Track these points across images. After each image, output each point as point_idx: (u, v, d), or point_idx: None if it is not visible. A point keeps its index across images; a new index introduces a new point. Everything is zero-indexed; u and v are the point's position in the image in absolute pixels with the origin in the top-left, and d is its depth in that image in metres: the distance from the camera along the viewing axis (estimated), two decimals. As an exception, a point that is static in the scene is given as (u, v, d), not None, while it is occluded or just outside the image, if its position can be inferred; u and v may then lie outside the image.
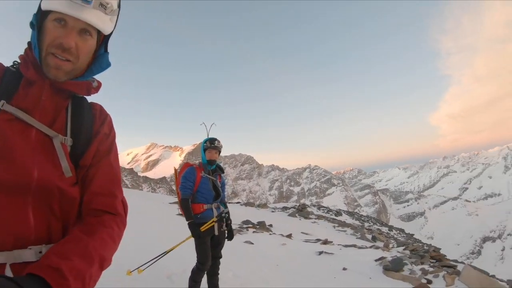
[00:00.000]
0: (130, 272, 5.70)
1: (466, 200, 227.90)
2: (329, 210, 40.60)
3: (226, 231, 5.97)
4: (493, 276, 13.41)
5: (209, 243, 5.67)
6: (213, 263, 5.80)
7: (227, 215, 5.91)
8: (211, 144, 5.84)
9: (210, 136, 6.06)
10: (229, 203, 39.44)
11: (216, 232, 5.67)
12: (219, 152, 5.94)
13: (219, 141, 5.95)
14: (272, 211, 29.86)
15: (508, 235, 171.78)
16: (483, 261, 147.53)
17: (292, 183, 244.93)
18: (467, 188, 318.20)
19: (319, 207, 44.20)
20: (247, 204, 34.22)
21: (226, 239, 6.02)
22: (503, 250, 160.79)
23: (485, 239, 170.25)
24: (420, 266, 10.57)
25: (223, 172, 6.23)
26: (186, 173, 5.75)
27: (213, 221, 5.60)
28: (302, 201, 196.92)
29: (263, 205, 33.99)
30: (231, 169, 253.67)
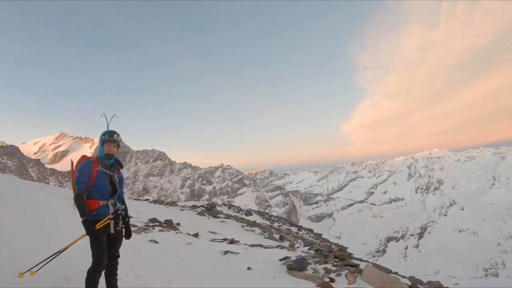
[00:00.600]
0: (22, 274, 5.28)
1: (372, 203, 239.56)
2: (239, 210, 40.76)
3: (123, 229, 5.67)
4: (396, 272, 14.19)
5: (105, 242, 5.36)
6: (110, 263, 5.49)
7: (123, 212, 5.60)
8: (109, 137, 5.54)
9: (110, 129, 5.70)
10: (137, 199, 38.65)
11: (112, 230, 5.35)
12: (118, 146, 5.69)
13: (118, 135, 5.66)
14: (181, 210, 29.33)
15: (410, 235, 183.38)
16: (388, 259, 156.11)
17: (204, 182, 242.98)
18: (373, 193, 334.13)
19: (230, 206, 44.31)
20: (156, 201, 33.52)
21: (123, 238, 5.73)
22: (406, 249, 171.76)
23: (389, 239, 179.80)
24: (324, 265, 10.88)
25: (121, 167, 5.94)
26: (82, 167, 5.39)
27: (108, 218, 5.28)
28: (214, 200, 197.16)
29: (172, 203, 33.32)
30: (143, 165, 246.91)
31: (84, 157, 5.71)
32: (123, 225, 5.66)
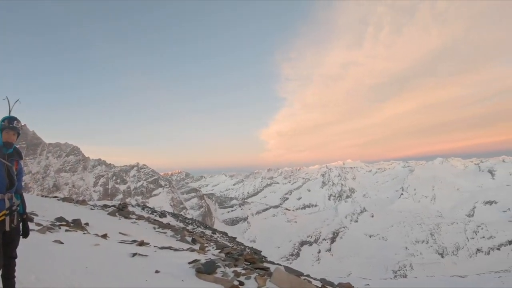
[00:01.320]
0: None
1: (286, 209, 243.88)
2: (153, 211, 40.10)
3: (20, 227, 5.29)
4: (308, 275, 14.62)
5: (0, 241, 4.95)
6: (7, 264, 5.12)
7: (18, 208, 5.24)
8: (9, 124, 5.15)
9: (11, 115, 5.29)
10: (46, 196, 36.83)
11: (7, 228, 4.98)
12: (18, 134, 5.30)
13: (18, 121, 5.27)
14: (91, 209, 28.24)
15: (323, 239, 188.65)
16: (302, 262, 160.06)
17: (119, 181, 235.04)
18: (287, 198, 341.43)
19: (144, 207, 43.56)
20: (65, 199, 32.04)
21: (21, 236, 5.35)
22: (319, 252, 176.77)
23: (303, 243, 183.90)
24: (234, 269, 10.96)
25: (21, 158, 5.49)
26: None
27: (4, 214, 4.92)
28: (128, 200, 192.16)
29: (83, 202, 31.96)
30: (55, 159, 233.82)
31: None
32: (19, 222, 5.31)
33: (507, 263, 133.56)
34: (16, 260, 5.38)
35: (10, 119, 5.25)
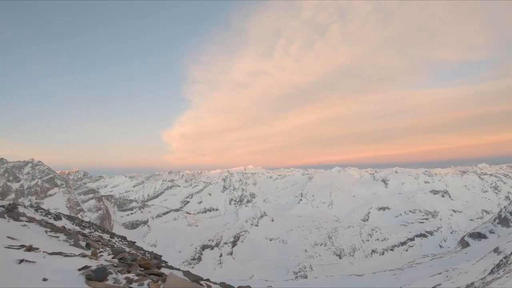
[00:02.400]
0: None
1: (187, 212, 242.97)
2: (48, 213, 38.24)
3: None
4: (208, 279, 14.60)
5: None
6: None
7: None
8: None
9: None
10: None
11: None
12: None
13: None
14: (-24, 211, 26.44)
15: (224, 243, 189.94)
16: (204, 266, 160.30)
17: (11, 178, 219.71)
18: (188, 202, 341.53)
19: (38, 208, 41.34)
20: None
21: None
22: (220, 256, 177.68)
23: (204, 247, 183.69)
24: (126, 275, 10.65)
25: None
26: None
27: None
28: (21, 200, 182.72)
29: (-34, 204, 29.85)
30: None
31: None
32: None
33: (400, 262, 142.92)
34: None
35: None
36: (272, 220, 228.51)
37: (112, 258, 14.84)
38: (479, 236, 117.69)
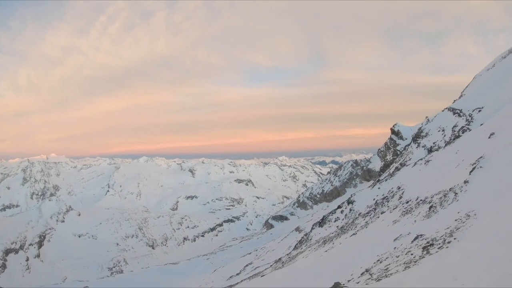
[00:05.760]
0: None
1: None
2: None
3: None
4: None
5: None
6: None
7: None
8: None
9: None
10: None
11: None
12: None
13: None
14: None
15: (29, 245, 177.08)
16: (11, 275, 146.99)
17: None
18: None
19: None
20: None
21: None
22: (27, 260, 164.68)
23: (7, 251, 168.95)
24: None
25: None
26: None
27: None
28: None
29: None
30: None
31: None
32: None
33: (212, 247, 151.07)
34: None
35: None
36: (79, 215, 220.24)
37: None
38: (281, 218, 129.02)
